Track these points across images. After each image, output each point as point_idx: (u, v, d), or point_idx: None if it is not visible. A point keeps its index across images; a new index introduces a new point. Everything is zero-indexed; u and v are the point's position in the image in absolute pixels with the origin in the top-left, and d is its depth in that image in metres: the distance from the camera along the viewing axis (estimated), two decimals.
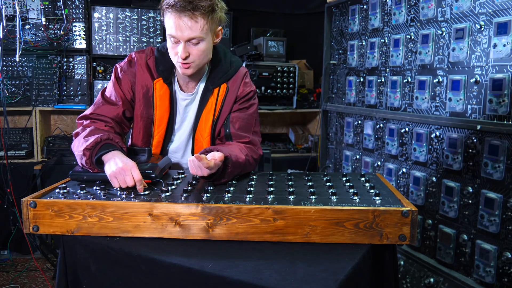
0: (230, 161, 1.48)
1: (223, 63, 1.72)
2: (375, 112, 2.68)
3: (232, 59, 1.76)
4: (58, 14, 3.27)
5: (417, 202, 2.35)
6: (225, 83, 1.71)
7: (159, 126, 1.71)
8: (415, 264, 2.33)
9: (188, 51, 1.54)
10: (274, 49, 3.79)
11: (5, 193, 2.90)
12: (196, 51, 1.55)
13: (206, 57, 1.61)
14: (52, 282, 2.77)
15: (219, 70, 1.71)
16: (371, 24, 2.72)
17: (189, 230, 1.24)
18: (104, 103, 1.67)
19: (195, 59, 1.57)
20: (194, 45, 1.54)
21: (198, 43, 1.54)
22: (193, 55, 1.56)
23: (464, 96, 2.04)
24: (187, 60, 1.56)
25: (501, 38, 1.84)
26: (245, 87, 1.74)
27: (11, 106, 3.20)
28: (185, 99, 1.73)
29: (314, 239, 1.22)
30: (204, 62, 1.62)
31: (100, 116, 1.64)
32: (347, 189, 1.43)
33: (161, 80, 1.68)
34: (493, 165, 1.88)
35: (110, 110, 1.66)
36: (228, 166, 1.47)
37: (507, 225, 1.83)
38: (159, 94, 1.68)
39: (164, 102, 1.69)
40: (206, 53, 1.59)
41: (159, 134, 1.72)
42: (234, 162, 1.49)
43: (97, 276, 1.25)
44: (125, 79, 1.68)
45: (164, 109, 1.70)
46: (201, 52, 1.56)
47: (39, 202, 1.27)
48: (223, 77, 1.71)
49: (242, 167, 1.56)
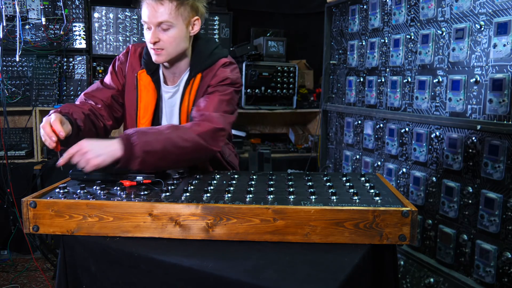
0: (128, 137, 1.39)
1: (202, 54, 1.72)
2: (375, 112, 2.68)
3: (216, 51, 1.74)
4: (58, 14, 3.27)
5: (417, 202, 2.35)
6: (200, 73, 1.70)
7: (144, 117, 1.74)
8: (415, 264, 2.33)
9: (158, 36, 1.59)
10: (274, 49, 3.79)
11: (5, 193, 2.90)
12: (166, 37, 1.59)
13: (178, 46, 1.63)
14: (52, 282, 2.77)
15: (196, 60, 1.71)
16: (371, 24, 2.72)
17: (189, 230, 1.24)
18: (99, 85, 1.78)
19: (166, 46, 1.60)
20: (164, 30, 1.58)
21: (168, 28, 1.58)
22: (163, 41, 1.60)
23: (464, 96, 2.04)
24: (158, 46, 1.60)
25: (501, 38, 1.84)
26: (219, 74, 1.68)
27: (11, 106, 3.20)
28: (168, 92, 1.76)
29: (314, 239, 1.22)
30: (176, 50, 1.64)
31: (92, 96, 1.73)
32: (347, 189, 1.43)
33: (145, 71, 1.73)
34: (493, 165, 1.88)
35: (102, 92, 1.75)
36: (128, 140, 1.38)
37: (507, 225, 1.83)
38: (143, 84, 1.73)
39: (148, 93, 1.73)
40: (178, 41, 1.61)
41: (144, 125, 1.74)
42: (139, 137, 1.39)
43: (97, 276, 1.25)
44: (119, 69, 1.78)
45: (148, 100, 1.73)
46: (172, 39, 1.59)
47: (39, 202, 1.27)
48: (199, 66, 1.70)
49: (158, 142, 1.42)
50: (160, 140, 1.42)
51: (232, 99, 1.68)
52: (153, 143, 1.40)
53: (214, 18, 3.81)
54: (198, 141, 1.49)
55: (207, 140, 1.52)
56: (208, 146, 1.53)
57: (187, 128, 1.50)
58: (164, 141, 1.43)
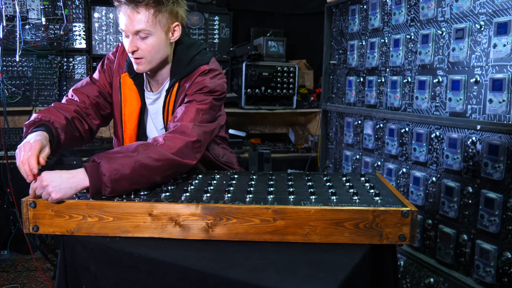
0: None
1: (180, 61, 1.66)
2: (375, 112, 2.68)
3: (196, 57, 1.67)
4: (58, 14, 3.27)
5: (417, 202, 2.35)
6: (178, 82, 1.65)
7: (129, 120, 1.71)
8: (415, 264, 2.33)
9: (136, 45, 1.53)
10: (274, 49, 3.79)
11: (5, 193, 2.90)
12: (145, 46, 1.54)
13: (157, 54, 1.57)
14: (52, 282, 2.77)
15: (175, 68, 1.66)
16: (371, 24, 2.72)
17: (189, 230, 1.24)
18: (88, 81, 1.73)
19: (145, 55, 1.55)
20: (142, 39, 1.53)
21: (146, 37, 1.53)
22: (142, 50, 1.54)
23: (464, 96, 2.04)
24: (136, 55, 1.56)
25: (501, 38, 1.84)
26: (197, 82, 1.61)
27: (11, 106, 3.20)
28: (149, 98, 1.73)
29: (314, 239, 1.22)
30: (156, 59, 1.59)
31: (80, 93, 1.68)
32: (347, 189, 1.43)
33: (127, 74, 1.69)
34: (493, 165, 1.88)
35: (90, 88, 1.70)
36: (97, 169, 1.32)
37: (507, 225, 1.83)
38: (127, 87, 1.69)
39: (132, 97, 1.69)
40: (157, 48, 1.56)
41: (130, 129, 1.72)
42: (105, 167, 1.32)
43: (97, 276, 1.25)
44: (108, 67, 1.74)
45: (133, 104, 1.70)
46: (151, 47, 1.54)
47: (39, 202, 1.27)
48: (178, 75, 1.65)
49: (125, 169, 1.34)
50: (129, 164, 1.33)
51: (211, 108, 1.60)
52: (121, 169, 1.31)
53: (214, 18, 3.81)
54: (170, 158, 1.41)
55: (180, 155, 1.44)
56: (182, 160, 1.45)
57: (157, 146, 1.42)
58: (133, 164, 1.33)
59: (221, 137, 1.91)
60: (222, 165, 1.85)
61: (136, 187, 1.36)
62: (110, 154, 1.35)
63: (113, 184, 1.30)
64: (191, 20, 3.71)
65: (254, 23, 4.15)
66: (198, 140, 1.50)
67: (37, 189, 1.29)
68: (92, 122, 1.68)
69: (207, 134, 1.58)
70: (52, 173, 1.31)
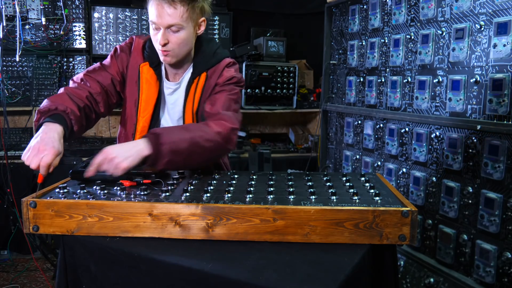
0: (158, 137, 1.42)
1: (206, 53, 1.72)
2: (375, 112, 2.68)
3: (218, 51, 1.75)
4: (58, 14, 3.27)
5: (417, 202, 2.35)
6: (205, 72, 1.71)
7: (144, 110, 1.72)
8: (415, 264, 2.33)
9: (167, 38, 1.57)
10: (274, 49, 3.79)
11: (5, 193, 2.91)
12: (176, 39, 1.58)
13: (185, 47, 1.63)
14: (52, 282, 2.77)
15: (200, 60, 1.72)
16: (371, 24, 2.72)
17: (189, 230, 1.24)
18: (100, 67, 1.73)
19: (174, 47, 1.60)
20: (173, 32, 1.57)
21: (178, 31, 1.57)
22: (172, 43, 1.59)
23: (464, 96, 2.04)
24: (166, 48, 1.59)
25: (501, 38, 1.84)
26: (225, 74, 1.70)
27: (11, 106, 3.20)
28: (169, 88, 1.75)
29: (314, 239, 1.22)
30: (184, 51, 1.64)
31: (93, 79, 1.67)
32: (347, 189, 1.43)
33: (148, 64, 1.71)
34: (493, 165, 1.88)
35: (102, 75, 1.70)
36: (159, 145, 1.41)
37: (507, 225, 1.83)
38: (145, 77, 1.71)
39: (150, 87, 1.71)
40: (186, 42, 1.61)
41: (144, 119, 1.72)
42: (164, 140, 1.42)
43: (97, 276, 1.25)
44: (121, 58, 1.74)
45: (150, 94, 1.71)
46: (181, 40, 1.59)
47: (39, 202, 1.27)
48: (204, 66, 1.71)
49: (184, 142, 1.46)
50: (186, 139, 1.45)
51: (239, 98, 1.72)
52: (180, 143, 1.43)
53: (214, 18, 3.81)
54: (218, 141, 1.52)
55: (225, 139, 1.55)
56: (226, 145, 1.56)
57: (208, 128, 1.53)
58: (190, 140, 1.45)
59: None
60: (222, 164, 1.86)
61: (187, 164, 1.49)
62: (167, 129, 1.47)
63: (170, 156, 1.40)
64: None
65: (254, 23, 4.16)
66: (238, 127, 1.62)
67: (103, 164, 1.34)
68: (99, 110, 1.68)
69: (240, 123, 1.68)
70: (115, 147, 1.39)
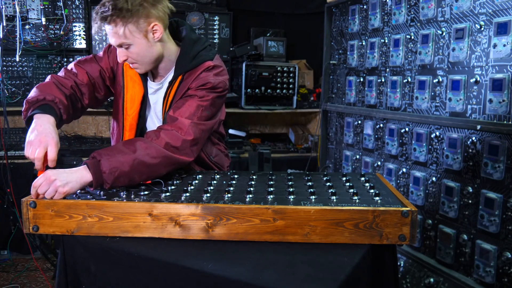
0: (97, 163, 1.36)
1: (186, 56, 1.68)
2: (375, 112, 2.68)
3: (202, 53, 1.68)
4: (58, 14, 3.27)
5: (417, 202, 2.35)
6: (182, 75, 1.66)
7: (130, 108, 1.72)
8: (415, 264, 2.33)
9: (123, 55, 1.59)
10: (274, 49, 3.79)
11: (5, 193, 2.90)
12: (131, 54, 1.59)
13: (145, 57, 1.60)
14: (52, 282, 2.77)
15: (180, 62, 1.68)
16: (371, 24, 2.72)
17: (189, 230, 1.24)
18: (92, 58, 1.75)
19: (136, 60, 1.60)
20: (126, 49, 1.58)
21: (128, 47, 1.57)
22: (131, 58, 1.60)
23: (464, 96, 2.04)
24: (129, 62, 1.62)
25: (501, 38, 1.84)
26: (200, 78, 1.62)
27: (11, 106, 3.20)
28: (151, 87, 1.75)
29: (314, 239, 1.22)
30: (148, 60, 1.62)
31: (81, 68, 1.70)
32: (347, 189, 1.43)
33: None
34: (493, 165, 1.88)
35: (92, 66, 1.72)
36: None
37: (507, 225, 1.83)
38: (130, 75, 1.72)
39: (135, 85, 1.72)
40: (143, 54, 1.59)
41: (131, 117, 1.73)
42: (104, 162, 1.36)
43: (97, 276, 1.25)
44: (113, 53, 1.75)
45: (135, 93, 1.72)
46: (136, 54, 1.58)
47: (39, 202, 1.27)
48: (182, 69, 1.67)
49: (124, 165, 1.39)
50: (128, 161, 1.38)
51: (211, 105, 1.61)
52: (121, 167, 1.37)
53: (214, 18, 3.81)
54: (167, 155, 1.46)
55: (176, 151, 1.48)
56: (179, 157, 1.49)
57: (154, 143, 1.45)
58: (131, 162, 1.38)
59: (219, 134, 1.91)
60: (212, 164, 1.84)
61: (136, 182, 1.43)
62: (109, 152, 1.40)
63: (113, 182, 1.36)
64: (191, 20, 3.71)
65: (254, 23, 4.16)
66: (194, 138, 1.53)
67: (42, 186, 1.30)
68: (84, 101, 1.69)
69: (205, 132, 1.61)
70: (57, 170, 1.36)
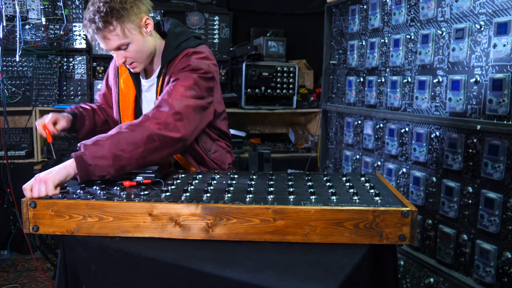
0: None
1: (169, 48, 1.69)
2: (375, 112, 2.68)
3: (183, 44, 1.69)
4: (58, 14, 3.27)
5: (417, 202, 2.35)
6: (166, 66, 1.69)
7: (127, 108, 1.79)
8: (415, 264, 2.33)
9: (122, 57, 1.61)
10: (274, 49, 3.79)
11: (5, 193, 2.90)
12: (130, 53, 1.61)
13: (144, 53, 1.65)
14: (52, 282, 2.77)
15: (164, 54, 1.70)
16: (371, 24, 2.72)
17: (189, 230, 1.24)
18: (104, 89, 1.97)
19: (135, 58, 1.64)
20: (124, 50, 1.60)
21: (127, 47, 1.59)
22: (130, 58, 1.62)
23: (464, 96, 2.04)
24: (127, 63, 1.64)
25: (501, 38, 1.84)
26: (181, 63, 1.63)
27: (11, 106, 3.20)
28: (144, 85, 1.80)
29: (314, 239, 1.22)
30: (146, 56, 1.66)
31: (98, 95, 1.99)
32: (347, 189, 1.43)
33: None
34: (493, 165, 1.88)
35: (106, 97, 1.96)
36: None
37: (507, 225, 1.83)
38: (123, 78, 1.79)
39: (128, 85, 1.78)
40: (141, 49, 1.62)
41: (127, 116, 1.79)
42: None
43: (97, 276, 1.25)
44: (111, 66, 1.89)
45: (129, 92, 1.78)
46: (135, 52, 1.62)
47: (39, 202, 1.27)
48: (165, 60, 1.69)
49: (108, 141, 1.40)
50: (106, 143, 1.38)
51: (195, 84, 1.57)
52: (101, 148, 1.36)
53: (214, 18, 3.81)
54: (151, 131, 1.42)
55: (161, 127, 1.44)
56: (165, 133, 1.44)
57: (137, 121, 1.45)
58: (110, 141, 1.38)
59: (219, 131, 1.89)
60: (210, 160, 1.82)
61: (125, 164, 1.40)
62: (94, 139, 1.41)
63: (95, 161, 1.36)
64: (191, 20, 3.71)
65: (254, 23, 4.16)
66: (177, 111, 1.49)
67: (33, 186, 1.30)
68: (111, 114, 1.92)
69: (190, 108, 1.54)
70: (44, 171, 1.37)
